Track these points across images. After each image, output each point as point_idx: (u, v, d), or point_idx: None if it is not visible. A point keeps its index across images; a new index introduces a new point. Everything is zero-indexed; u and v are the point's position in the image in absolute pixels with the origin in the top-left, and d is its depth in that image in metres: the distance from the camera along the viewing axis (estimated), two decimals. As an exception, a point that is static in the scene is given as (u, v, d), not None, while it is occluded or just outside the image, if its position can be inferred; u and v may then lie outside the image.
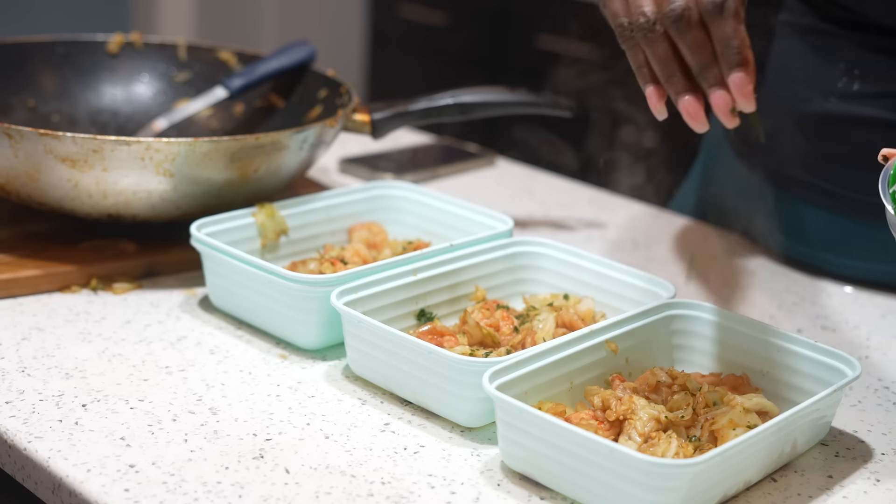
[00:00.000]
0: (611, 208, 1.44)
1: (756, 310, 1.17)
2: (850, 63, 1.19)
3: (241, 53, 1.41)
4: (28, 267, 1.10)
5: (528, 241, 1.12)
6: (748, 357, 0.96)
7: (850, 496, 0.86)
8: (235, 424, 0.90)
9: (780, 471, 0.88)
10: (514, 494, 0.83)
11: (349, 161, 1.49)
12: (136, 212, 1.12)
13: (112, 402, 0.92)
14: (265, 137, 1.11)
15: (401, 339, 0.92)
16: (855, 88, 1.19)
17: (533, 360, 0.88)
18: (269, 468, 0.84)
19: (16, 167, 1.09)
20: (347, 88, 1.29)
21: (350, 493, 0.82)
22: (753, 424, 0.85)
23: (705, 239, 1.36)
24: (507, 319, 1.01)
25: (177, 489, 0.81)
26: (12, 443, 0.86)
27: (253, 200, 1.15)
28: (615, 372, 0.94)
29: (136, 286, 1.12)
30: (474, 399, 0.89)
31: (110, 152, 1.07)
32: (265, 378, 0.97)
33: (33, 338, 1.01)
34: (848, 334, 1.13)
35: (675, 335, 0.99)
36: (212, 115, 1.39)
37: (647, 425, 0.85)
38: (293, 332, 1.02)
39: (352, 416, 0.92)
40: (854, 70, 1.19)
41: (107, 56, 1.40)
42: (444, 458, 0.87)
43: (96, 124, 1.37)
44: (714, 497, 0.82)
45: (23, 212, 1.20)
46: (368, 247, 1.14)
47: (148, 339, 1.03)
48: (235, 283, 1.04)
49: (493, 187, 1.49)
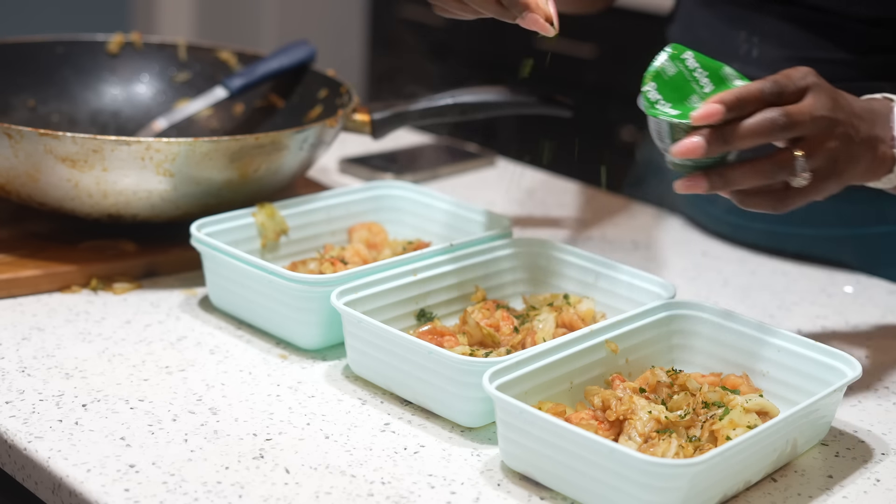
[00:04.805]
0: (611, 208, 1.44)
1: (756, 310, 1.17)
2: (751, 30, 1.25)
3: (241, 53, 1.41)
4: (28, 267, 1.10)
5: (527, 240, 1.12)
6: (748, 357, 0.96)
7: (850, 496, 0.86)
8: (235, 424, 0.90)
9: (780, 471, 0.88)
10: (514, 494, 0.83)
11: (349, 161, 1.49)
12: (136, 212, 1.12)
13: (112, 402, 0.92)
14: (265, 137, 1.11)
15: (401, 339, 0.92)
16: (755, 54, 1.24)
17: (533, 360, 0.88)
18: (269, 468, 0.84)
19: (16, 167, 1.09)
20: (347, 88, 1.29)
21: (350, 493, 0.82)
22: (753, 424, 0.85)
23: (705, 238, 1.36)
24: (507, 319, 1.01)
25: (177, 489, 0.81)
26: (12, 443, 0.86)
27: (253, 200, 1.15)
28: (615, 372, 0.94)
29: (136, 286, 1.12)
30: (474, 399, 0.89)
31: (110, 152, 1.07)
32: (265, 378, 0.97)
33: (33, 338, 1.01)
34: (848, 334, 1.13)
35: (675, 335, 0.99)
36: (212, 115, 1.39)
37: (647, 425, 0.85)
38: (293, 332, 1.02)
39: (352, 416, 0.92)
40: (754, 37, 1.24)
41: (107, 56, 1.40)
42: (444, 458, 0.87)
43: (96, 124, 1.37)
44: (714, 497, 0.82)
45: (23, 212, 1.20)
46: (368, 247, 1.14)
47: (148, 339, 1.03)
48: (235, 283, 1.04)
49: (493, 187, 1.49)
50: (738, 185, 0.91)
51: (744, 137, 0.89)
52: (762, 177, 0.91)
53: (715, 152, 0.89)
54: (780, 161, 0.91)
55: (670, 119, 0.90)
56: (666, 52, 0.92)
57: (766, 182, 0.91)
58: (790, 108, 0.90)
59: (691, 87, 0.92)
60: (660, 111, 0.90)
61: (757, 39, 1.25)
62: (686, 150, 0.89)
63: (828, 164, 0.93)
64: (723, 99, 0.88)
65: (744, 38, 1.25)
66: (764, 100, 0.90)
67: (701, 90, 0.92)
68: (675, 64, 0.91)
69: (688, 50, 0.92)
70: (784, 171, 0.91)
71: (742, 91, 0.89)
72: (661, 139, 0.92)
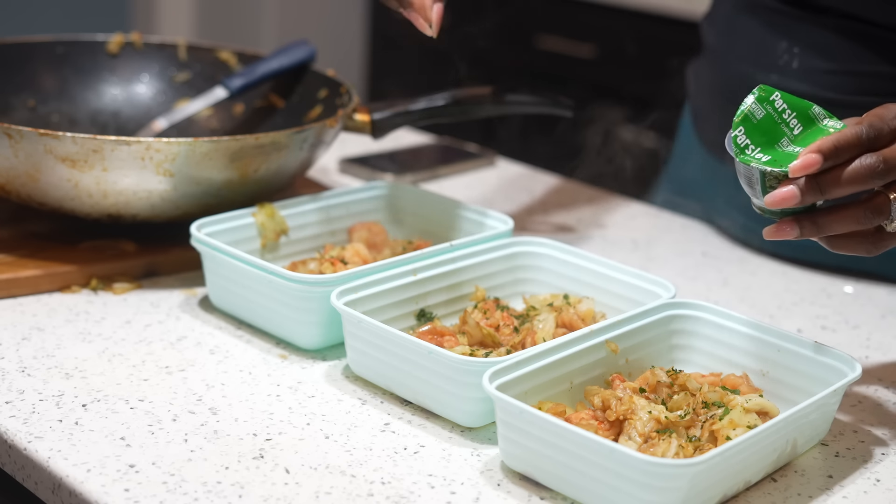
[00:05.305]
0: (611, 208, 1.44)
1: (756, 310, 1.17)
2: (792, 40, 1.23)
3: (241, 53, 1.41)
4: (28, 267, 1.10)
5: (528, 241, 1.12)
6: (748, 357, 0.96)
7: (850, 496, 0.86)
8: (235, 424, 0.90)
9: (780, 471, 0.88)
10: (514, 494, 0.83)
11: (349, 161, 1.49)
12: (136, 212, 1.12)
13: (112, 402, 0.92)
14: (265, 137, 1.11)
15: (401, 339, 0.92)
16: (794, 65, 1.22)
17: (533, 360, 0.88)
18: (269, 468, 0.84)
19: (16, 167, 1.09)
20: (347, 88, 1.29)
21: (350, 493, 0.82)
22: (753, 424, 0.85)
23: (705, 238, 1.36)
24: (507, 319, 1.01)
25: (177, 489, 0.81)
26: (12, 443, 0.86)
27: (253, 200, 1.15)
28: (615, 372, 0.94)
29: (136, 286, 1.12)
30: (474, 399, 0.89)
31: (110, 152, 1.07)
32: (265, 378, 0.97)
33: (33, 338, 1.01)
34: (848, 334, 1.13)
35: (675, 335, 0.99)
36: (212, 115, 1.39)
37: (647, 425, 0.85)
38: (293, 332, 1.02)
39: (352, 416, 0.92)
40: (794, 48, 1.22)
41: (107, 56, 1.40)
42: (444, 458, 0.87)
43: (96, 124, 1.37)
44: (714, 497, 0.82)
45: (23, 212, 1.20)
46: (368, 247, 1.14)
47: (148, 339, 1.03)
48: (235, 283, 1.04)
49: (493, 187, 1.49)
50: (832, 232, 0.89)
51: (839, 187, 0.86)
52: (856, 223, 0.88)
53: (810, 202, 0.87)
54: (876, 207, 0.88)
55: (762, 167, 0.87)
56: (753, 94, 0.89)
57: (859, 228, 0.89)
58: (887, 153, 0.87)
59: (781, 129, 0.89)
60: (751, 157, 0.87)
61: (798, 50, 1.22)
62: (781, 201, 0.86)
63: None
64: (820, 148, 0.85)
65: (784, 49, 1.22)
66: (862, 145, 0.87)
67: (791, 132, 0.89)
68: (764, 106, 0.89)
69: (776, 91, 0.89)
70: (879, 217, 0.88)
71: (840, 138, 0.86)
72: (751, 185, 0.88)
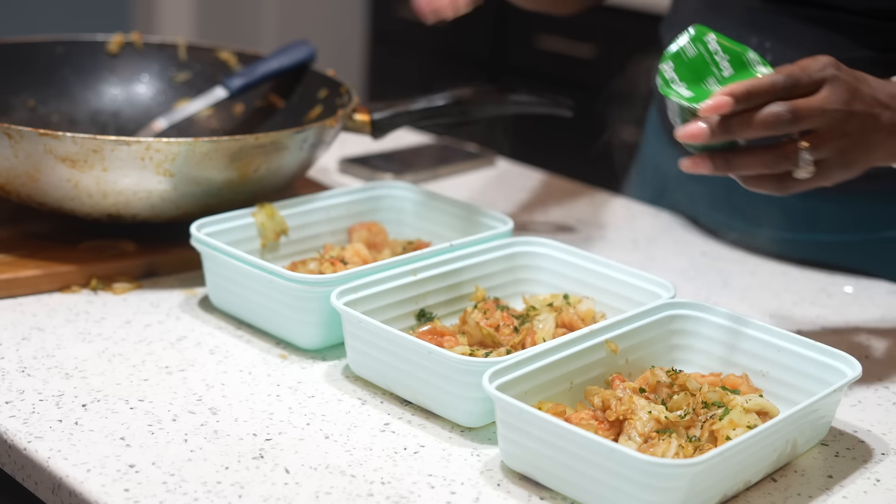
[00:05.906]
0: (611, 208, 1.44)
1: (756, 310, 1.17)
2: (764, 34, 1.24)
3: (241, 53, 1.41)
4: (28, 267, 1.10)
5: (528, 241, 1.12)
6: (748, 357, 0.96)
7: (850, 496, 0.86)
8: (235, 424, 0.90)
9: (780, 471, 0.88)
10: (514, 494, 0.83)
11: (349, 161, 1.49)
12: (136, 212, 1.12)
13: (112, 402, 0.92)
14: (265, 137, 1.11)
15: (401, 339, 0.92)
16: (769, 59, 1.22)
17: (533, 360, 0.88)
18: (269, 468, 0.84)
19: (16, 167, 1.09)
20: (347, 88, 1.29)
21: (350, 493, 0.82)
22: (753, 424, 0.85)
23: (705, 238, 1.36)
24: (507, 319, 1.01)
25: (177, 489, 0.81)
26: (12, 443, 0.86)
27: (253, 200, 1.15)
28: (615, 372, 0.94)
29: (136, 286, 1.12)
30: (474, 399, 0.89)
31: (110, 152, 1.07)
32: (265, 378, 0.97)
33: (33, 338, 1.01)
34: (848, 334, 1.13)
35: (675, 335, 0.99)
36: (212, 115, 1.39)
37: (647, 425, 0.85)
38: (293, 332, 1.02)
39: (352, 416, 0.92)
40: (766, 42, 1.23)
41: (107, 56, 1.40)
42: (444, 458, 0.87)
43: (96, 124, 1.37)
44: (714, 497, 0.82)
45: (23, 212, 1.20)
46: (368, 247, 1.14)
47: (148, 339, 1.03)
48: (235, 283, 1.04)
49: (493, 187, 1.49)
50: (741, 172, 0.92)
51: (748, 130, 0.90)
52: (764, 166, 0.92)
53: (718, 140, 0.90)
54: (784, 152, 0.92)
55: (680, 101, 0.90)
56: (689, 32, 0.92)
57: (768, 171, 0.92)
58: (798, 103, 0.90)
59: (710, 69, 0.92)
60: (672, 91, 0.91)
61: (770, 44, 1.23)
62: (689, 136, 0.90)
63: (835, 155, 0.93)
64: (733, 91, 0.89)
65: (755, 44, 1.24)
66: (776, 93, 0.90)
67: (720, 73, 0.92)
68: (696, 46, 0.92)
69: (711, 32, 0.92)
70: (787, 163, 0.92)
71: (753, 84, 0.89)
72: (673, 118, 0.93)
